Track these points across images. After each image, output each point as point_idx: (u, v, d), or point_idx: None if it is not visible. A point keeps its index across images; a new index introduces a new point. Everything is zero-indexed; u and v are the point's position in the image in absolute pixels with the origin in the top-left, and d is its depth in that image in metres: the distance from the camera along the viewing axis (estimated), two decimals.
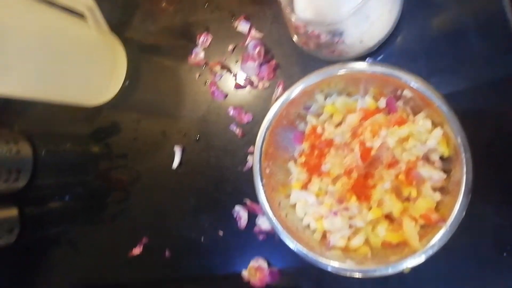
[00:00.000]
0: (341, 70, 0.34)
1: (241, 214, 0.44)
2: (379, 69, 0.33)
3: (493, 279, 0.35)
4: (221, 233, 0.45)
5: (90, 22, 0.44)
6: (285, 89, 0.39)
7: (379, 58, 0.39)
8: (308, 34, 0.36)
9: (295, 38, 0.40)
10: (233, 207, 0.44)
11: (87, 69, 0.46)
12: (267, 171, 0.38)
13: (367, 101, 0.37)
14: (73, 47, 0.43)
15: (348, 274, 0.34)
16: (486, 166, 0.35)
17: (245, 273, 0.43)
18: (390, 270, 0.32)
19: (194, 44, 0.48)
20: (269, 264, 0.43)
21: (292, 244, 0.35)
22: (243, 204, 0.44)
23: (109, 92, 0.50)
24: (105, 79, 0.49)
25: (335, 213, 0.35)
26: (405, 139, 0.34)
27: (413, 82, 0.32)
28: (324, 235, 0.37)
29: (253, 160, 0.37)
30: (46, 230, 0.57)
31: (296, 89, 0.36)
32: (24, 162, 0.52)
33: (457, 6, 0.37)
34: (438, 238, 0.31)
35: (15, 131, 0.56)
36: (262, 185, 0.37)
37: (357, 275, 0.33)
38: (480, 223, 0.36)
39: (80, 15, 0.45)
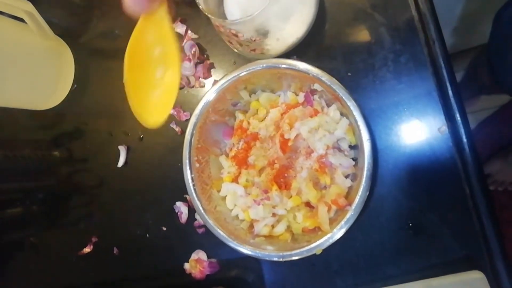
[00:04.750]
0: (247, 70, 0.39)
1: (182, 209, 0.48)
2: (289, 64, 0.37)
3: (406, 258, 0.39)
4: (164, 228, 0.49)
5: (31, 26, 0.48)
6: None
7: (303, 55, 0.44)
8: (227, 33, 0.40)
9: (222, 37, 0.44)
10: (175, 203, 0.48)
11: (31, 73, 0.50)
12: (197, 165, 0.42)
13: (289, 96, 0.41)
14: (15, 51, 0.47)
15: (267, 258, 0.38)
16: (394, 154, 0.40)
17: (187, 266, 0.47)
18: (304, 253, 0.36)
19: None
20: (208, 256, 0.47)
21: (217, 233, 0.39)
22: (184, 200, 0.48)
23: (57, 96, 0.54)
24: (52, 83, 0.53)
25: (258, 203, 0.39)
26: (316, 129, 0.38)
27: (320, 76, 0.37)
28: (251, 225, 0.41)
29: (183, 155, 0.41)
30: (8, 235, 0.61)
31: (217, 87, 0.40)
32: None
33: (371, 7, 0.42)
34: (344, 221, 0.35)
35: None
36: (191, 178, 0.41)
37: (276, 259, 0.37)
38: (393, 207, 0.40)
39: (22, 20, 0.49)
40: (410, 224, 0.40)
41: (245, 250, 0.38)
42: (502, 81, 0.67)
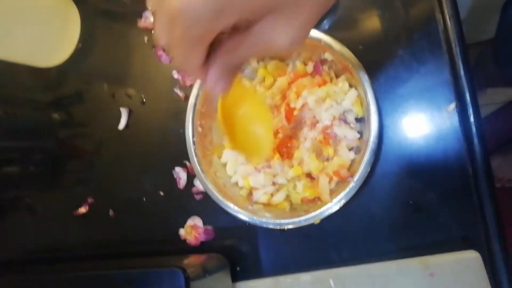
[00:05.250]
0: None
1: (180, 175, 0.48)
2: None
3: (403, 235, 0.39)
4: (162, 193, 0.49)
5: None
6: None
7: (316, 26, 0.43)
8: None
9: None
10: (174, 168, 0.48)
11: (36, 27, 0.49)
12: (200, 129, 0.42)
13: (297, 65, 0.41)
14: (21, 2, 0.46)
15: (264, 226, 0.38)
16: (398, 131, 0.39)
17: (182, 232, 0.47)
18: (303, 222, 0.36)
19: (144, 7, 0.51)
20: (204, 223, 0.47)
21: (216, 197, 0.39)
22: (183, 166, 0.48)
23: (62, 54, 0.54)
24: (56, 40, 0.52)
25: (259, 171, 0.39)
26: (323, 99, 0.37)
27: (332, 45, 0.36)
28: (250, 192, 0.41)
29: (186, 117, 0.41)
30: (3, 194, 0.61)
31: None
32: None
33: None
34: (345, 192, 0.35)
35: None
36: (193, 141, 0.41)
37: (272, 226, 0.37)
38: (393, 183, 0.39)
39: None
40: (410, 202, 0.40)
41: (243, 215, 0.38)
42: (508, 73, 0.67)
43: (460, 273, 0.37)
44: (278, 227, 0.37)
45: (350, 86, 0.38)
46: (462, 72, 0.38)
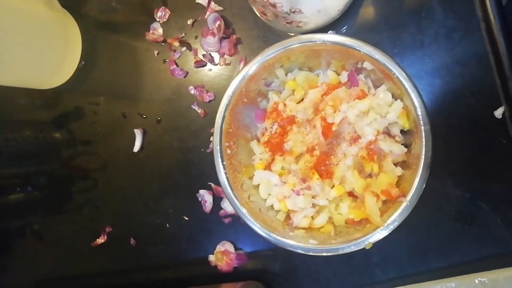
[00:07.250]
0: (299, 42, 0.34)
1: (206, 198, 0.44)
2: (338, 39, 0.33)
3: (454, 250, 0.37)
4: (186, 218, 0.45)
5: None
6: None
7: (340, 30, 0.39)
8: (264, 3, 0.35)
9: (254, 7, 0.40)
10: (198, 190, 0.45)
11: (36, 48, 0.44)
12: (228, 151, 0.38)
13: (329, 76, 0.37)
14: (20, 23, 0.42)
15: (311, 253, 0.35)
16: (445, 139, 0.37)
17: (212, 258, 0.44)
18: (352, 248, 0.33)
19: (152, 19, 0.47)
20: (236, 248, 0.44)
21: (254, 225, 0.36)
22: (208, 188, 0.44)
23: (64, 74, 0.49)
24: (58, 59, 0.47)
25: (298, 193, 0.36)
26: (365, 113, 0.34)
27: (373, 54, 0.33)
28: (288, 216, 0.38)
29: (213, 140, 0.37)
30: (9, 222, 0.57)
31: (254, 64, 0.36)
32: None
33: None
34: (398, 213, 0.32)
35: None
36: (223, 166, 0.37)
37: (320, 254, 0.34)
38: (441, 196, 0.37)
39: None
40: (460, 214, 0.37)
41: (288, 244, 0.35)
42: None
43: None
44: (324, 254, 0.34)
45: (393, 96, 0.35)
46: (509, 73, 0.35)
